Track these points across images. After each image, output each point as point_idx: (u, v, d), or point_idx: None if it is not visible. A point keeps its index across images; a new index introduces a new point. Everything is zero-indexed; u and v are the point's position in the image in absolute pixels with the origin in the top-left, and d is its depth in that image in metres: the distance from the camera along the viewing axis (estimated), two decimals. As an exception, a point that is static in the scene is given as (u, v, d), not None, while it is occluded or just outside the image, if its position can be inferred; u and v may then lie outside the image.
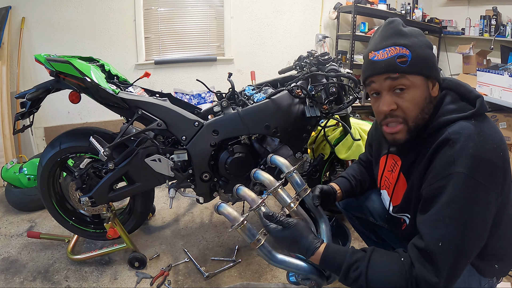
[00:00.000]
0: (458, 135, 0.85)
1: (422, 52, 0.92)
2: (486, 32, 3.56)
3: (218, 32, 3.89)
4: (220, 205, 1.02)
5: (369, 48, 0.97)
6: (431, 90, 0.95)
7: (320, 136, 2.02)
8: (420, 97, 0.93)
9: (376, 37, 0.98)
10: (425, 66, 0.92)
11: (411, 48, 0.91)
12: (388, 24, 0.97)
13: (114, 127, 2.89)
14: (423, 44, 0.93)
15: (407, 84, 0.92)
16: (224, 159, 1.75)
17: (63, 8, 3.25)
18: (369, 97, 1.02)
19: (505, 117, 2.97)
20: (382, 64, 0.92)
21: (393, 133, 0.97)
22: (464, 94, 0.95)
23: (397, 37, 0.93)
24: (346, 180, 1.29)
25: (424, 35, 0.97)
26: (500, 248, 0.97)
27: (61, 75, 1.61)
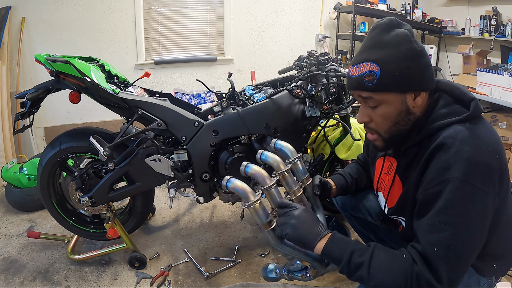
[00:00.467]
0: (453, 139, 0.84)
1: (395, 67, 0.87)
2: (486, 32, 3.56)
3: (218, 32, 3.89)
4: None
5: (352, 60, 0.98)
6: (411, 101, 0.92)
7: (320, 136, 2.02)
8: (392, 112, 0.92)
9: (360, 46, 0.98)
10: (398, 82, 0.88)
11: (382, 64, 0.88)
12: (370, 32, 0.94)
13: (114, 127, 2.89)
14: (402, 55, 0.88)
15: (375, 101, 0.92)
16: (224, 159, 1.75)
17: (63, 8, 3.25)
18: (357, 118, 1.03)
19: (505, 117, 2.97)
20: (353, 81, 0.93)
21: (371, 140, 1.02)
22: (458, 97, 0.94)
23: (371, 50, 0.90)
24: (342, 177, 1.29)
25: (410, 42, 0.90)
26: (499, 248, 0.97)
27: (61, 75, 1.61)
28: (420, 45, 0.91)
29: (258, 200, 0.96)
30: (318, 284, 1.73)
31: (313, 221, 0.97)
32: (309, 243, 0.94)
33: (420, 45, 0.91)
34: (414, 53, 0.89)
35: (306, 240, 0.94)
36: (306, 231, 0.94)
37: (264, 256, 1.91)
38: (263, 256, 1.91)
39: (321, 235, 0.94)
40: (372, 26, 0.96)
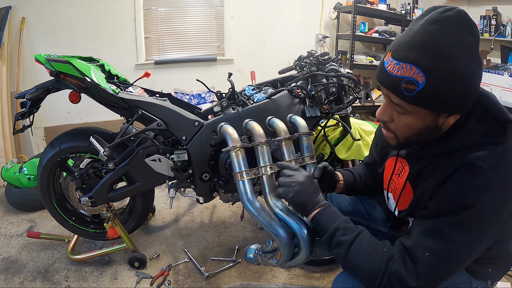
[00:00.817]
0: (483, 163, 0.76)
1: (444, 85, 0.73)
2: (486, 32, 3.56)
3: (218, 32, 3.89)
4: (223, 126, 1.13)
5: (391, 45, 0.81)
6: (443, 119, 0.81)
7: (320, 136, 2.02)
8: (419, 125, 0.82)
9: (408, 32, 0.78)
10: (439, 102, 0.76)
11: (430, 76, 0.73)
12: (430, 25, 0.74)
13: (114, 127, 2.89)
14: (456, 73, 0.73)
15: (405, 110, 0.81)
16: (224, 159, 1.75)
17: (63, 8, 3.25)
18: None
19: (505, 117, 2.97)
20: (387, 79, 0.79)
21: (385, 136, 0.94)
22: (493, 113, 0.82)
23: (424, 52, 0.73)
24: (351, 174, 1.25)
25: (472, 56, 0.74)
26: (496, 255, 0.96)
27: (61, 75, 1.61)
28: (480, 61, 0.76)
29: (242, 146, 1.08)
30: (318, 284, 1.73)
31: (314, 189, 0.98)
32: (306, 210, 0.97)
33: (481, 60, 0.77)
34: (470, 72, 0.74)
35: (305, 206, 0.97)
36: (307, 198, 0.96)
37: (264, 256, 1.91)
38: (263, 256, 1.91)
39: (319, 204, 0.96)
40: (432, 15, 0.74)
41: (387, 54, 0.81)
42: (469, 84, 0.75)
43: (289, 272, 1.80)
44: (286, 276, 1.78)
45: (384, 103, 0.87)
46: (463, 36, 0.73)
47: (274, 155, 1.78)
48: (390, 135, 0.91)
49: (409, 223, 1.06)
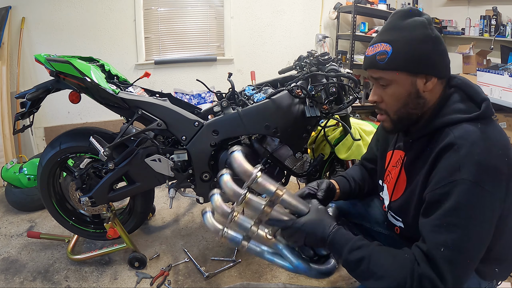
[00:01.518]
0: (464, 140, 0.83)
1: (407, 48, 0.90)
2: (486, 32, 3.56)
3: (218, 32, 3.89)
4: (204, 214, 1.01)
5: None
6: (422, 85, 0.93)
7: (320, 136, 2.02)
8: (402, 93, 0.94)
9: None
10: (409, 62, 0.90)
11: (394, 44, 0.91)
12: (391, 17, 0.98)
13: (114, 127, 2.89)
14: (416, 38, 0.90)
15: (386, 80, 0.94)
16: (224, 159, 1.75)
17: (63, 8, 3.25)
18: (369, 97, 1.03)
19: (505, 117, 2.97)
20: (367, 60, 0.97)
21: (380, 120, 1.03)
22: (471, 95, 0.93)
23: (387, 32, 0.94)
24: (346, 181, 1.26)
25: (425, 28, 0.92)
26: (502, 252, 0.97)
27: (61, 75, 1.61)
28: (435, 33, 0.92)
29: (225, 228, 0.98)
30: (318, 284, 1.73)
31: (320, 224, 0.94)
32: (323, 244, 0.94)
33: (436, 32, 0.92)
34: (428, 38, 0.91)
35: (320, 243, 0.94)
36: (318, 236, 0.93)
37: (264, 256, 1.91)
38: (263, 256, 1.91)
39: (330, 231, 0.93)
40: (392, 12, 0.99)
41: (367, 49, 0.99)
42: (431, 47, 0.91)
43: (289, 272, 1.80)
44: (286, 276, 1.78)
45: (373, 88, 1.00)
46: (414, 18, 0.93)
47: (274, 155, 1.79)
48: (384, 117, 1.01)
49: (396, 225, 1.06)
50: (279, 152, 1.81)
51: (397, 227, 1.07)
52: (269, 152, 1.77)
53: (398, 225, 1.06)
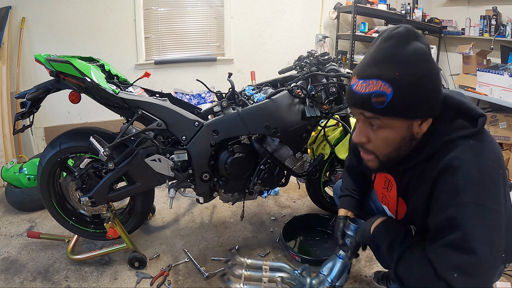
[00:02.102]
0: (459, 161, 0.80)
1: (410, 91, 0.79)
2: (486, 32, 3.56)
3: (218, 32, 3.89)
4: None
5: (355, 69, 0.87)
6: (417, 127, 0.85)
7: (320, 136, 2.02)
8: (396, 138, 0.85)
9: (367, 54, 0.85)
10: (409, 108, 0.80)
11: (395, 85, 0.78)
12: (384, 42, 0.82)
13: (114, 127, 2.89)
14: (419, 77, 0.79)
15: (380, 124, 0.84)
16: (224, 159, 1.75)
17: (63, 8, 3.25)
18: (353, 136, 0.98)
19: (505, 117, 2.97)
20: (357, 98, 0.83)
21: (365, 159, 0.95)
22: (465, 113, 0.87)
23: (385, 66, 0.79)
24: (350, 197, 1.27)
25: (428, 62, 0.80)
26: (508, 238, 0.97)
27: (61, 75, 1.61)
28: (436, 66, 0.83)
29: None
30: (318, 284, 1.73)
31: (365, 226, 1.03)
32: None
33: (436, 66, 0.83)
34: (430, 76, 0.80)
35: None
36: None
37: (264, 256, 1.91)
38: (263, 256, 1.91)
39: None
40: (385, 34, 0.83)
41: (353, 78, 0.85)
42: (432, 86, 0.81)
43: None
44: (286, 276, 1.78)
45: (358, 125, 0.90)
46: (414, 44, 0.80)
47: (274, 155, 1.79)
48: (370, 157, 0.92)
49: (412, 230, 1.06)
50: (279, 152, 1.81)
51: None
52: (269, 152, 1.77)
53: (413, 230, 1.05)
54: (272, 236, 2.09)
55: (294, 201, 2.52)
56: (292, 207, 2.45)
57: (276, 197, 2.57)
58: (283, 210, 2.40)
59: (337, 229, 1.17)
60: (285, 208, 2.43)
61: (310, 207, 2.40)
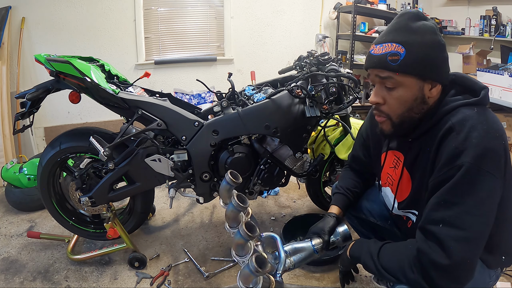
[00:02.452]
0: (462, 125, 0.85)
1: (420, 52, 0.89)
2: (486, 32, 3.56)
3: (218, 32, 3.89)
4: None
5: (374, 41, 0.98)
6: (428, 91, 0.93)
7: (320, 136, 2.02)
8: (409, 97, 0.92)
9: (385, 28, 0.98)
10: (421, 67, 0.89)
11: (408, 46, 0.89)
12: (399, 17, 0.95)
13: (114, 127, 2.89)
14: (428, 43, 0.90)
15: (394, 82, 0.92)
16: (224, 159, 1.75)
17: (63, 8, 3.25)
18: (369, 97, 1.02)
19: (505, 117, 2.97)
20: (375, 59, 0.93)
21: (379, 122, 1.01)
22: (469, 87, 0.95)
23: (399, 33, 0.91)
24: (344, 196, 1.29)
25: (436, 34, 0.92)
26: (508, 239, 0.98)
27: (61, 75, 1.61)
28: (443, 40, 0.93)
29: None
30: (318, 284, 1.73)
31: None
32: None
33: (443, 40, 0.93)
34: (437, 45, 0.91)
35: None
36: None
37: (264, 256, 1.90)
38: (263, 256, 1.91)
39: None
40: (399, 13, 0.97)
41: (372, 46, 0.97)
42: (439, 54, 0.92)
43: (289, 272, 1.79)
44: (286, 276, 1.78)
45: (375, 89, 0.97)
46: (423, 21, 0.92)
47: (274, 155, 1.79)
48: (383, 119, 0.98)
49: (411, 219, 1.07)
50: (279, 152, 1.81)
51: (410, 221, 1.08)
52: (269, 152, 1.77)
53: (412, 219, 1.07)
54: (272, 236, 2.09)
55: (294, 201, 2.52)
56: (292, 207, 2.45)
57: (276, 197, 2.57)
58: (283, 210, 2.40)
59: (327, 224, 1.17)
60: (285, 208, 2.43)
61: (310, 207, 2.40)
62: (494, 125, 0.86)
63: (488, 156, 0.82)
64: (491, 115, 0.90)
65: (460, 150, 0.83)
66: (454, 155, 0.83)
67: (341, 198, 1.29)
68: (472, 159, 0.81)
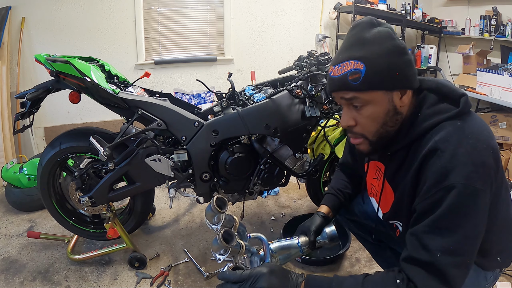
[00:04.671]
0: (446, 143, 0.81)
1: (381, 63, 0.83)
2: (486, 32, 3.56)
3: (218, 32, 3.89)
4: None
5: (332, 60, 0.95)
6: (398, 100, 0.88)
7: (320, 136, 2.01)
8: (380, 112, 0.87)
9: (340, 46, 0.93)
10: (385, 78, 0.84)
11: (367, 61, 0.83)
12: (351, 30, 0.90)
13: (114, 127, 2.89)
14: (387, 51, 0.84)
15: (361, 101, 0.87)
16: (224, 159, 1.76)
17: (63, 8, 3.25)
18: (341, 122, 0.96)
19: (505, 117, 2.97)
20: (336, 81, 0.88)
21: (356, 144, 0.96)
22: (446, 94, 0.89)
23: (354, 48, 0.86)
24: (334, 197, 1.27)
25: (393, 39, 0.86)
26: (501, 241, 0.97)
27: (61, 75, 1.61)
28: (402, 42, 0.88)
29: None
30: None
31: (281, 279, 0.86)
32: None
33: (402, 42, 0.89)
34: (398, 49, 0.85)
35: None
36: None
37: (264, 256, 1.91)
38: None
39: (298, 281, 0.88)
40: (351, 26, 0.92)
41: (330, 69, 0.91)
42: (402, 58, 0.86)
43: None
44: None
45: (343, 111, 0.93)
46: (377, 28, 0.87)
47: (274, 155, 1.79)
48: (360, 140, 0.94)
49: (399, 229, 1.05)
50: (279, 152, 1.81)
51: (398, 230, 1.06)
52: (269, 152, 1.77)
53: (399, 228, 1.04)
54: (272, 236, 2.09)
55: (294, 201, 2.52)
56: (292, 207, 2.45)
57: (276, 197, 2.57)
58: (283, 210, 2.40)
59: (314, 223, 1.15)
60: (285, 208, 2.43)
61: (310, 207, 2.40)
62: (480, 136, 0.82)
63: (480, 172, 0.78)
64: (476, 122, 0.85)
65: (447, 169, 0.78)
66: (441, 175, 0.79)
67: (331, 198, 1.26)
68: (462, 178, 0.77)
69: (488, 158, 0.81)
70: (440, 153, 0.80)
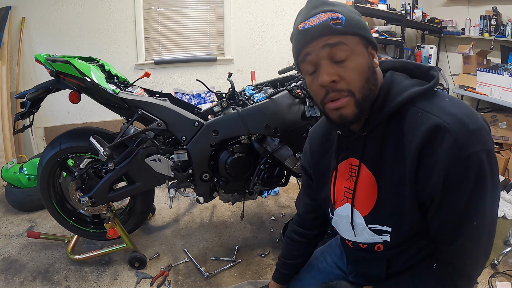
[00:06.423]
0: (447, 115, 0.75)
1: (354, 16, 0.83)
2: (486, 32, 3.56)
3: (218, 32, 3.89)
4: None
5: (296, 22, 0.85)
6: (372, 58, 0.84)
7: (320, 136, 2.01)
8: (364, 64, 0.81)
9: (301, 12, 0.87)
10: (361, 27, 0.83)
11: (342, 12, 0.82)
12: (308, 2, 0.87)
13: (114, 127, 2.89)
14: (353, 11, 0.85)
15: (347, 50, 0.80)
16: (224, 159, 1.76)
17: (63, 8, 3.25)
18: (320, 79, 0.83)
19: (505, 117, 2.97)
20: (316, 29, 0.80)
21: (339, 107, 0.82)
22: (413, 71, 0.87)
23: (325, 5, 0.84)
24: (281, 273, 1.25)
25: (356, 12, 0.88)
26: None
27: (61, 75, 1.61)
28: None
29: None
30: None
31: None
32: None
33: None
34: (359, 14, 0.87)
35: None
36: None
37: (264, 256, 1.91)
38: (263, 256, 1.91)
39: None
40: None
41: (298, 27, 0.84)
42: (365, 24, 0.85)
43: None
44: None
45: (323, 67, 0.81)
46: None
47: (274, 155, 1.79)
48: (345, 100, 0.82)
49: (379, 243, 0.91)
50: (279, 152, 1.81)
51: (379, 244, 0.90)
52: (269, 152, 1.77)
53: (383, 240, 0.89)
54: (272, 236, 2.09)
55: (294, 201, 2.52)
56: (292, 207, 2.45)
57: (276, 197, 2.57)
58: (283, 210, 2.40)
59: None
60: (285, 208, 2.43)
61: (310, 207, 2.40)
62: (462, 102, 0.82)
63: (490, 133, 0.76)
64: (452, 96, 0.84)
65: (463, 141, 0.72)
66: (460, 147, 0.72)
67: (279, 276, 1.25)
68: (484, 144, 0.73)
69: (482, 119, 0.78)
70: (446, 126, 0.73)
